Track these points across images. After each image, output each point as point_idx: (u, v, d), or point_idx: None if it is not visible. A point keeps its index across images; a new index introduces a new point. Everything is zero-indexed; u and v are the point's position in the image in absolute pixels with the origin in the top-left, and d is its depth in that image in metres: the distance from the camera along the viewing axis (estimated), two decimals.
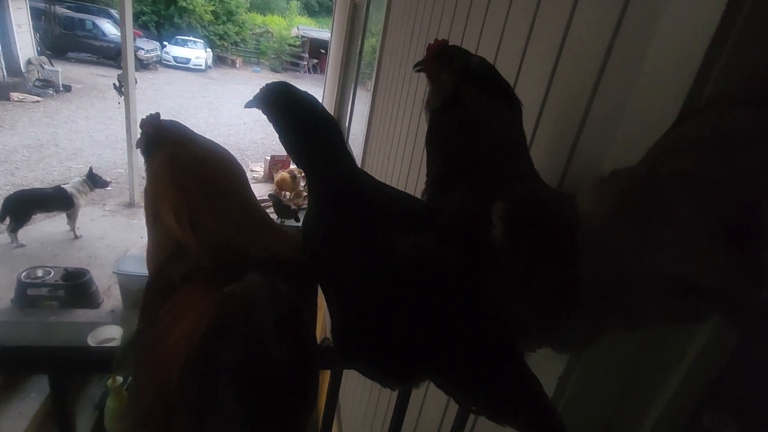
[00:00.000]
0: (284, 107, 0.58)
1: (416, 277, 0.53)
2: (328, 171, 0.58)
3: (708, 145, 0.42)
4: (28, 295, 3.92)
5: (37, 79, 11.31)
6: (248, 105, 0.60)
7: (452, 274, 0.55)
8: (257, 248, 0.57)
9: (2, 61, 10.70)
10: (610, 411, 0.70)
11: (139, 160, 6.49)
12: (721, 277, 0.40)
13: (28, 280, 3.93)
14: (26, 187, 5.54)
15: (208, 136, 0.65)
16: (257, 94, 0.59)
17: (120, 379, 3.56)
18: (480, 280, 0.55)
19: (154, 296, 0.53)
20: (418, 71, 0.72)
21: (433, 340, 0.53)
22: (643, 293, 0.46)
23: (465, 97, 0.66)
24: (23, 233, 4.97)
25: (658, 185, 0.44)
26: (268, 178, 6.14)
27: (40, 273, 4.05)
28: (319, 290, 0.64)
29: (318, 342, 0.67)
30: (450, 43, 0.71)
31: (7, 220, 4.82)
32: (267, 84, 0.60)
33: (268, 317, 0.35)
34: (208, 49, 20.26)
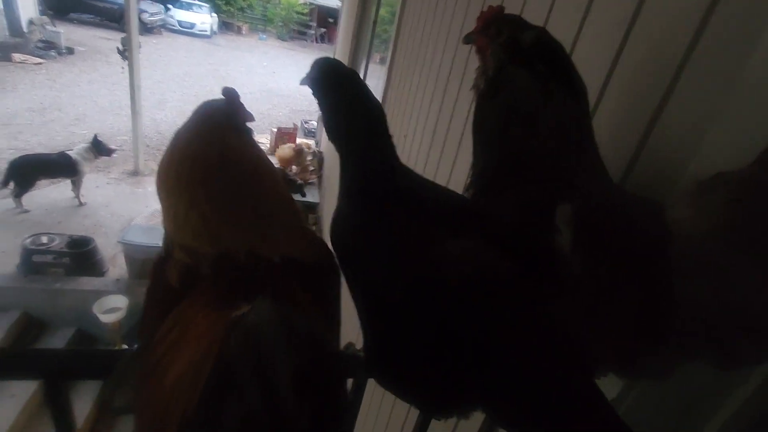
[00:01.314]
0: (335, 83, 0.54)
1: (468, 290, 0.45)
2: (367, 157, 0.51)
3: None
4: (33, 262, 3.89)
5: (40, 40, 11.03)
6: (302, 82, 0.57)
7: (511, 289, 0.46)
8: (270, 249, 0.49)
9: (4, 20, 10.42)
10: None
11: (144, 127, 6.40)
12: None
13: (33, 247, 3.90)
14: (30, 152, 5.45)
15: None
16: (309, 71, 0.56)
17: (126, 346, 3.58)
18: (544, 297, 0.46)
19: (154, 306, 0.45)
20: (467, 43, 0.61)
21: (484, 366, 0.45)
22: (754, 329, 0.37)
23: (510, 79, 0.57)
24: (27, 199, 4.92)
25: None
26: (274, 151, 6.01)
27: (44, 240, 4.01)
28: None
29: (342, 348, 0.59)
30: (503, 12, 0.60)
31: (11, 185, 4.76)
32: (318, 60, 0.56)
33: (284, 365, 0.27)
34: (214, 14, 19.67)
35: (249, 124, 0.62)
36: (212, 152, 0.50)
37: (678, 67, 0.55)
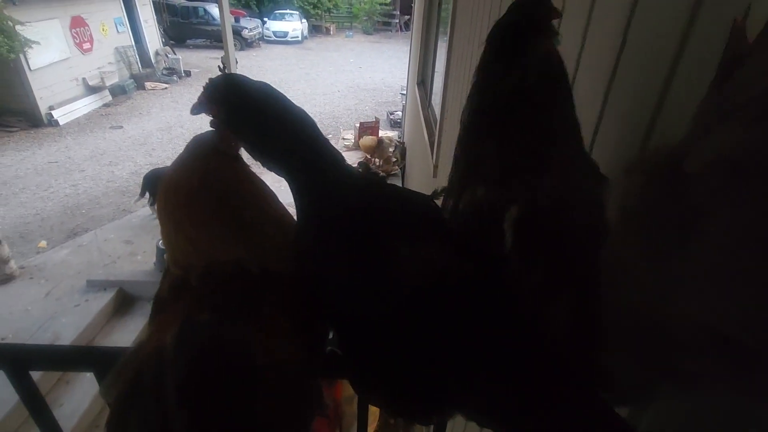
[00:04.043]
0: (236, 107, 0.50)
1: (422, 295, 0.45)
2: (313, 181, 0.51)
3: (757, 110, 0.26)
4: (165, 260, 4.62)
5: (164, 68, 12.87)
6: (194, 111, 0.53)
7: (465, 292, 0.45)
8: (252, 261, 0.55)
9: (136, 55, 12.35)
10: None
11: None
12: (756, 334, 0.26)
13: (163, 247, 4.62)
14: (160, 166, 6.43)
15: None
16: (201, 95, 0.51)
17: None
18: (492, 297, 0.45)
19: (152, 311, 0.55)
20: None
21: (449, 371, 0.45)
22: (680, 346, 0.32)
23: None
24: None
25: (683, 179, 0.28)
26: (359, 145, 6.23)
27: None
28: None
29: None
30: None
31: (147, 195, 5.69)
32: (210, 80, 0.51)
33: (169, 380, 0.32)
34: (304, 20, 20.82)
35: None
36: (193, 179, 0.57)
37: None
